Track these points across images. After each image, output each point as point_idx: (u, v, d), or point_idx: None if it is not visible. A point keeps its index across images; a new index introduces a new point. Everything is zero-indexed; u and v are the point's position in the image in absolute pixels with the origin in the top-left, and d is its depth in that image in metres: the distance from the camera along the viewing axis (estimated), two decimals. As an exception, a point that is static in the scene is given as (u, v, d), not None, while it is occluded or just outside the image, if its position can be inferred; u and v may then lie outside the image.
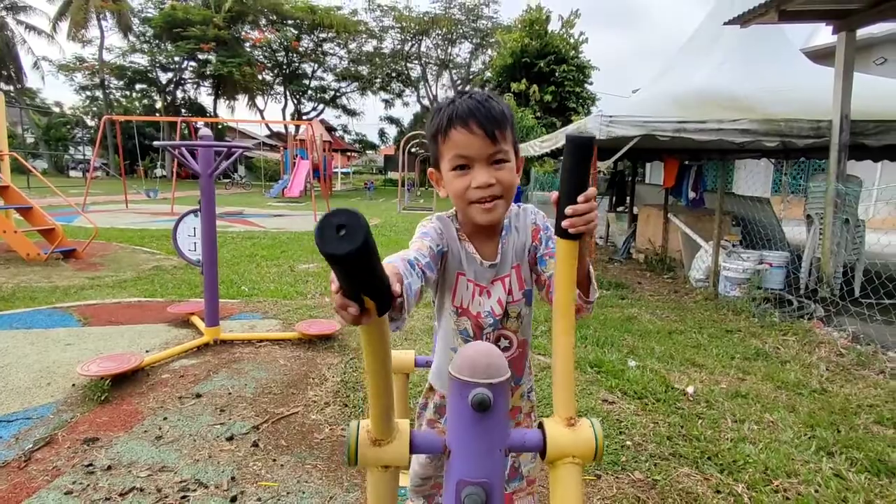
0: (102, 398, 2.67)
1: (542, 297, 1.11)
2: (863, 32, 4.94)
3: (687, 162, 7.64)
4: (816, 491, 2.03)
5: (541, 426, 0.80)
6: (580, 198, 0.75)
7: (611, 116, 5.14)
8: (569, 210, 0.75)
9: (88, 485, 1.98)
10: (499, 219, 1.06)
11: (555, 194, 0.78)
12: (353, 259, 0.48)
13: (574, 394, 0.80)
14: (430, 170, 1.11)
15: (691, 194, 7.49)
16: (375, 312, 0.60)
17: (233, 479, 2.05)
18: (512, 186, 1.03)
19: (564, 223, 0.76)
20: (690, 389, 2.97)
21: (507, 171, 1.01)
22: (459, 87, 33.97)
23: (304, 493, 1.98)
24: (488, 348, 0.75)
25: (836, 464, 2.22)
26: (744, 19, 5.05)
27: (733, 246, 5.83)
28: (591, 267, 0.97)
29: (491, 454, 0.74)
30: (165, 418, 2.52)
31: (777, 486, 2.06)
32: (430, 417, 1.26)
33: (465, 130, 0.98)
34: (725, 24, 5.39)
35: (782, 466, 2.18)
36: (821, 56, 9.74)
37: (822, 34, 13.10)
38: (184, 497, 1.93)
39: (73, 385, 2.84)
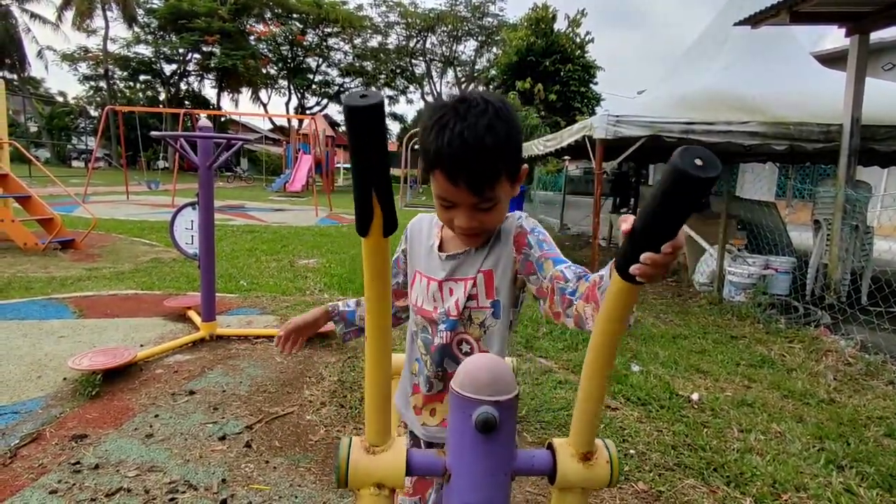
0: (93, 393, 2.61)
1: (544, 312, 0.96)
2: (872, 37, 4.85)
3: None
4: (826, 506, 1.97)
5: (550, 448, 0.73)
6: (666, 247, 0.56)
7: (618, 116, 5.06)
8: (647, 258, 0.57)
9: (74, 484, 1.92)
10: (481, 244, 1.03)
11: (627, 222, 0.59)
12: (373, 113, 0.52)
13: (597, 429, 0.72)
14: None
15: (697, 197, 7.39)
16: (381, 229, 0.60)
17: (224, 480, 1.99)
18: (498, 223, 0.98)
19: (634, 269, 0.58)
20: (695, 396, 2.90)
21: (493, 214, 0.94)
22: (467, 84, 33.84)
23: (296, 497, 1.92)
24: (494, 361, 0.68)
25: (846, 478, 2.15)
26: (754, 20, 4.97)
27: (738, 250, 5.75)
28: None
29: (495, 478, 0.67)
30: (157, 416, 2.46)
31: (786, 500, 2.00)
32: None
33: (449, 181, 0.88)
34: (735, 24, 5.32)
35: (791, 480, 2.12)
36: (830, 60, 9.65)
37: (831, 38, 13.01)
38: (172, 499, 1.87)
39: (64, 379, 2.78)
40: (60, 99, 37.61)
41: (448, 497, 0.69)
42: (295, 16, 32.86)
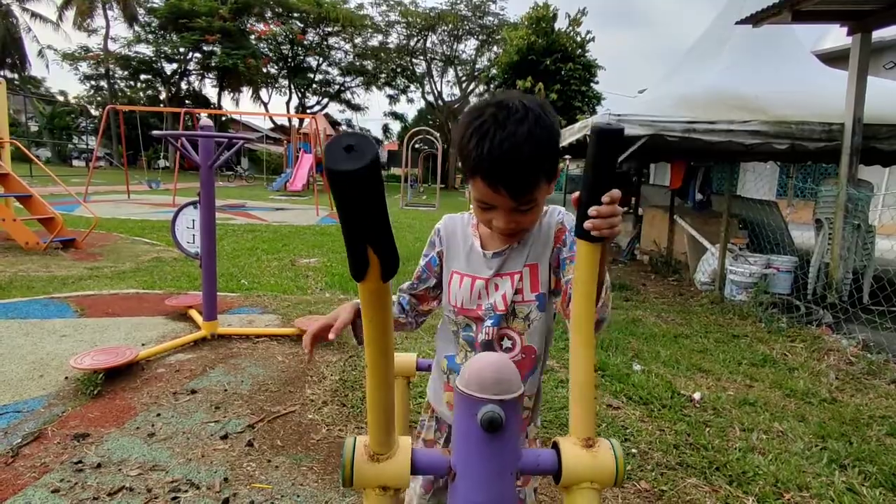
0: (95, 392, 2.61)
1: (557, 309, 1.01)
2: (873, 36, 4.84)
3: (693, 164, 7.55)
4: (829, 506, 1.96)
5: (555, 446, 0.73)
6: (605, 198, 0.69)
7: (619, 115, 5.05)
8: (592, 211, 0.69)
9: (76, 483, 1.92)
10: (518, 240, 1.06)
11: (576, 193, 0.71)
12: (362, 178, 0.43)
13: (595, 412, 0.73)
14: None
15: (698, 196, 7.40)
16: (379, 275, 0.54)
17: (226, 480, 1.99)
18: (535, 222, 1.01)
19: (586, 224, 0.69)
20: (697, 396, 2.90)
21: (531, 215, 0.97)
22: (464, 83, 33.79)
23: (298, 496, 1.92)
24: (499, 360, 0.68)
25: (848, 477, 2.15)
26: (756, 19, 4.96)
27: (740, 249, 5.75)
28: (607, 276, 0.87)
29: (501, 477, 0.67)
30: (159, 415, 2.46)
31: (788, 499, 1.99)
32: (429, 437, 1.19)
33: (489, 187, 0.90)
34: (737, 23, 5.30)
35: (793, 479, 2.11)
36: (831, 59, 9.63)
37: (832, 37, 12.98)
38: (174, 498, 1.87)
39: (66, 378, 2.78)
40: (61, 98, 37.57)
41: (453, 496, 0.69)
42: (295, 15, 32.84)
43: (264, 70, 33.51)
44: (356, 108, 40.43)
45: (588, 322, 0.72)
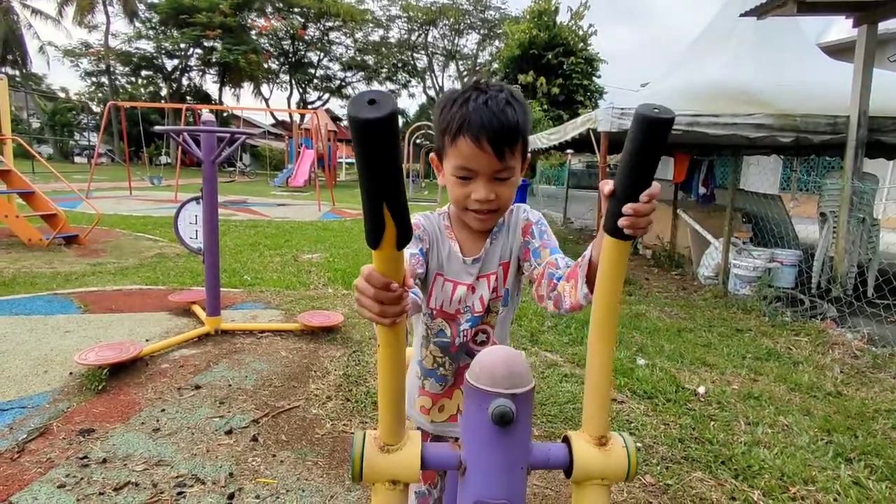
0: (100, 388, 2.61)
1: (535, 296, 1.02)
2: (879, 28, 4.80)
3: (697, 157, 7.52)
4: (835, 500, 1.96)
5: (566, 440, 0.72)
6: (643, 196, 0.63)
7: (622, 109, 5.03)
8: (628, 209, 0.63)
9: (82, 478, 1.92)
10: (491, 227, 1.06)
11: (608, 185, 0.65)
12: (383, 127, 0.47)
13: (608, 410, 0.71)
14: (432, 155, 1.07)
15: (702, 190, 7.38)
16: (394, 241, 0.55)
17: (231, 475, 1.99)
18: (510, 200, 1.01)
19: (621, 222, 0.64)
20: (701, 390, 2.89)
21: (508, 187, 0.98)
22: (469, 77, 33.69)
23: (303, 490, 1.92)
24: (509, 354, 0.68)
25: (854, 471, 2.14)
26: (761, 11, 4.92)
27: (744, 243, 5.73)
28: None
29: (512, 471, 0.66)
30: (163, 410, 2.46)
31: (794, 493, 1.99)
32: None
33: (473, 145, 0.91)
34: (742, 15, 5.27)
35: (799, 473, 2.11)
36: (835, 51, 9.56)
37: (836, 29, 12.88)
38: (180, 493, 1.87)
39: (71, 374, 2.78)
40: (62, 95, 37.57)
41: (464, 491, 0.68)
42: (296, 10, 32.75)
43: (265, 65, 33.46)
44: (357, 103, 40.29)
45: (610, 322, 0.70)
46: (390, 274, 0.58)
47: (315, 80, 37.34)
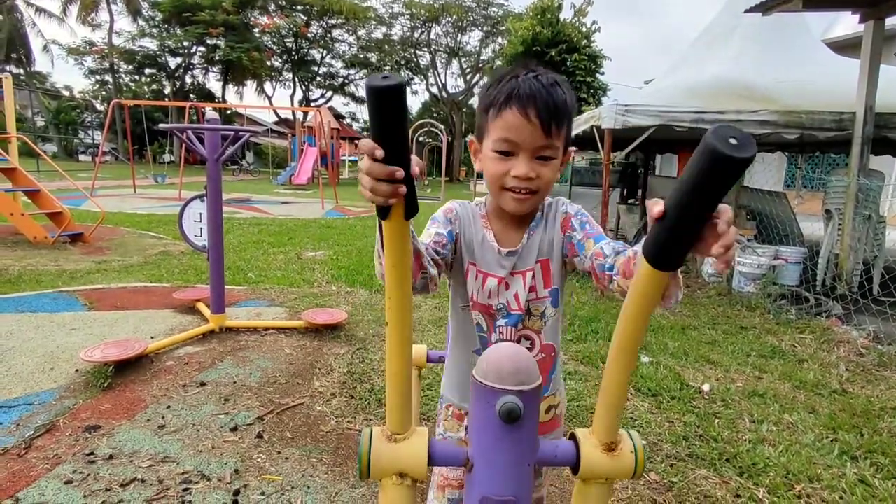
0: (105, 385, 2.63)
1: (596, 286, 1.01)
2: (886, 23, 4.76)
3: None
4: (841, 497, 1.95)
5: (573, 438, 0.72)
6: (722, 222, 0.53)
7: (626, 105, 5.01)
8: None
9: (89, 474, 1.94)
10: (528, 210, 1.01)
11: (658, 205, 0.55)
12: (395, 94, 0.52)
13: (619, 418, 0.71)
14: (470, 138, 1.04)
15: (705, 187, 7.34)
16: (403, 211, 0.59)
17: (236, 471, 2.00)
18: (551, 183, 0.97)
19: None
20: (706, 387, 2.89)
21: (550, 168, 0.95)
22: (468, 74, 33.61)
23: (308, 487, 1.93)
24: (516, 350, 0.67)
25: (860, 469, 2.14)
26: (766, 7, 4.89)
27: (748, 241, 5.71)
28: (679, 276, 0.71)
29: (519, 468, 0.66)
30: (169, 407, 2.47)
31: (799, 491, 1.98)
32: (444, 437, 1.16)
33: (520, 115, 0.90)
34: (746, 11, 5.24)
35: (804, 471, 2.10)
36: (840, 47, 9.50)
37: (842, 25, 12.80)
38: (186, 489, 1.88)
39: (77, 371, 2.80)
40: (66, 93, 37.68)
41: (470, 487, 0.69)
42: (299, 7, 32.72)
43: (268, 63, 33.47)
44: (360, 100, 40.34)
45: (633, 344, 0.65)
46: (398, 245, 0.62)
47: (318, 78, 37.31)
